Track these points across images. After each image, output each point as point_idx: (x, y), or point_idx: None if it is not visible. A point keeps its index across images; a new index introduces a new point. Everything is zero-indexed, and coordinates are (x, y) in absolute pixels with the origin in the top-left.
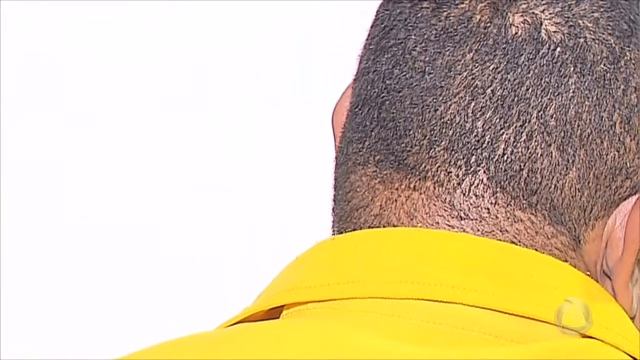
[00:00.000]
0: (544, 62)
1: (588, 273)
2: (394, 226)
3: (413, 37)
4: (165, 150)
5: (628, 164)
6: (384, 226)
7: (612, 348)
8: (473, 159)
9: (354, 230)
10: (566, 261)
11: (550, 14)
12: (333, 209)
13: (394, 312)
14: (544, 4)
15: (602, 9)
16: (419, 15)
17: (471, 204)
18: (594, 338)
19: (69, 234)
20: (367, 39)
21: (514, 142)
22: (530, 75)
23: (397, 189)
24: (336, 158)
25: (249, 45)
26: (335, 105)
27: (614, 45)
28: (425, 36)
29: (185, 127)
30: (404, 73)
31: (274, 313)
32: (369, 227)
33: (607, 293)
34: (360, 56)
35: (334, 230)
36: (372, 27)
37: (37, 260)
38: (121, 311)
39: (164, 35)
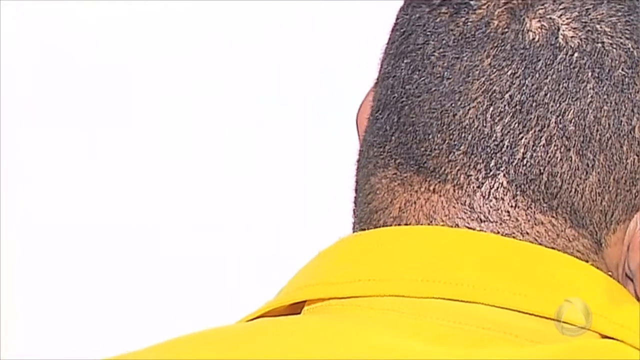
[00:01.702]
0: (562, 67)
1: (610, 274)
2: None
3: (432, 42)
4: (167, 150)
5: None
6: None
7: (632, 348)
8: (493, 162)
9: None
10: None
11: (567, 19)
12: (354, 211)
13: (416, 311)
14: (561, 9)
15: (619, 14)
16: (438, 20)
17: (491, 207)
18: (614, 339)
19: (70, 235)
20: (387, 43)
21: (533, 146)
22: (548, 80)
23: (416, 192)
24: (357, 161)
25: (251, 45)
26: (359, 106)
27: (632, 49)
28: (444, 41)
29: (187, 127)
30: (423, 78)
31: (295, 308)
32: None
33: (630, 294)
34: (381, 60)
35: (354, 232)
36: (392, 31)
37: (38, 261)
38: (123, 312)
39: (165, 35)
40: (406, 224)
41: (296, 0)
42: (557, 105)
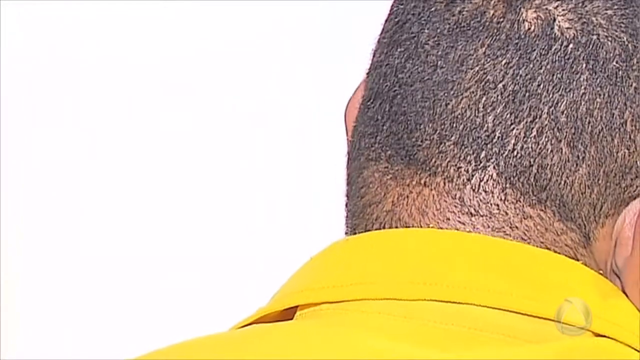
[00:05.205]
0: (556, 58)
1: (600, 272)
2: (406, 223)
3: (426, 31)
4: (167, 150)
5: (638, 163)
6: (395, 223)
7: (625, 347)
8: (483, 154)
9: (367, 226)
10: (576, 258)
11: (563, 10)
12: (346, 204)
13: (407, 313)
14: (557, 0)
15: (615, 7)
16: (433, 9)
17: (481, 200)
18: (608, 337)
19: (71, 235)
20: (380, 34)
21: (524, 137)
22: (542, 71)
23: (408, 185)
24: (348, 152)
25: (251, 45)
26: (348, 101)
27: (626, 43)
28: (438, 30)
29: (187, 127)
30: (416, 67)
31: (288, 313)
32: (381, 224)
33: (620, 291)
34: (374, 50)
35: (347, 226)
36: (386, 21)
37: (38, 261)
38: (122, 313)
39: (165, 35)
40: (399, 219)
41: (296, 0)
42: (550, 95)
